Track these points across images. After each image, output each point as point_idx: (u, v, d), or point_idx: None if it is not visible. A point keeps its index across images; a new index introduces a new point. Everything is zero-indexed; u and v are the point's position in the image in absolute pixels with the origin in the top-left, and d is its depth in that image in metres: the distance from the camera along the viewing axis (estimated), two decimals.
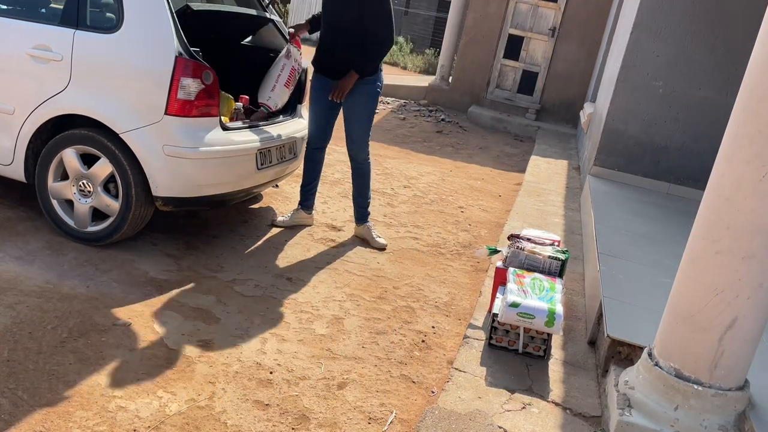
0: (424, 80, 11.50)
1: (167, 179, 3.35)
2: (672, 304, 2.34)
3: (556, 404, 2.61)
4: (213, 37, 4.23)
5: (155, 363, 2.63)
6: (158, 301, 3.11)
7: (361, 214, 4.24)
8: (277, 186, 4.95)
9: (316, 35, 4.09)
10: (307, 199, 4.26)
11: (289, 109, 4.29)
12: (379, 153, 6.65)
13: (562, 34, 9.65)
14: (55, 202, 3.55)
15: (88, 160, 3.46)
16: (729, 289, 2.15)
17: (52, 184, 3.53)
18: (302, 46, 4.18)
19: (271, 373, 2.69)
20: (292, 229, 4.26)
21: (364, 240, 4.23)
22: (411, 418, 2.55)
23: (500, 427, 2.41)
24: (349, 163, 4.17)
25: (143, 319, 2.92)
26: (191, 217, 4.17)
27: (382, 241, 4.19)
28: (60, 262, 3.31)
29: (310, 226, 4.32)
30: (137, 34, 3.29)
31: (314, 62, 4.05)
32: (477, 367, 2.80)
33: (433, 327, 3.30)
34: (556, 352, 3.01)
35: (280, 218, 4.28)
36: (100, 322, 2.84)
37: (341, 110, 4.03)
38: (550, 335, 2.90)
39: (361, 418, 2.50)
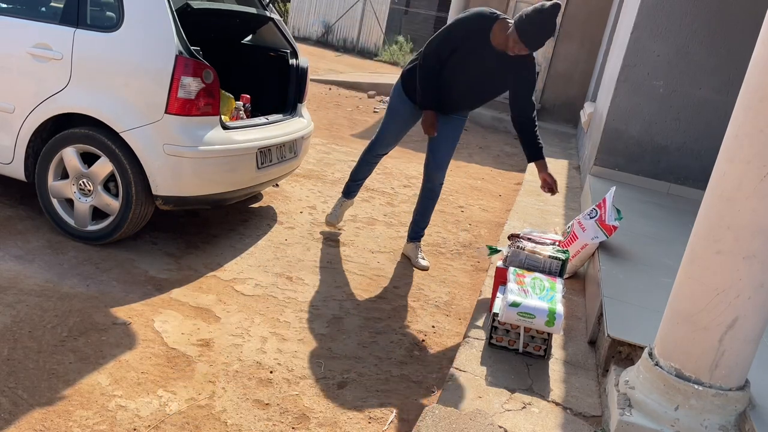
0: None
1: (167, 178, 3.35)
2: (672, 304, 2.34)
3: (557, 404, 2.61)
4: (213, 36, 4.23)
5: (155, 362, 2.63)
6: (158, 300, 3.11)
7: (416, 233, 4.12)
8: (277, 185, 4.95)
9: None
10: (353, 191, 4.24)
11: (290, 107, 4.29)
12: None
13: (562, 34, 9.65)
14: (55, 201, 3.55)
15: (89, 159, 3.46)
16: (730, 289, 2.15)
17: (52, 182, 3.53)
18: (302, 45, 4.15)
19: (271, 372, 2.69)
20: (292, 228, 4.25)
21: (406, 258, 4.13)
22: (411, 417, 2.54)
23: (500, 427, 2.40)
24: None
25: (143, 318, 2.92)
26: (191, 216, 4.17)
27: (424, 263, 4.04)
28: (60, 261, 3.31)
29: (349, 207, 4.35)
30: (137, 33, 3.29)
31: (430, 101, 3.74)
32: (477, 366, 2.80)
33: (433, 326, 3.30)
34: (557, 352, 3.01)
35: (329, 216, 4.26)
36: (100, 321, 2.84)
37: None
38: (550, 335, 2.89)
39: (361, 417, 2.50)
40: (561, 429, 2.45)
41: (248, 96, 4.18)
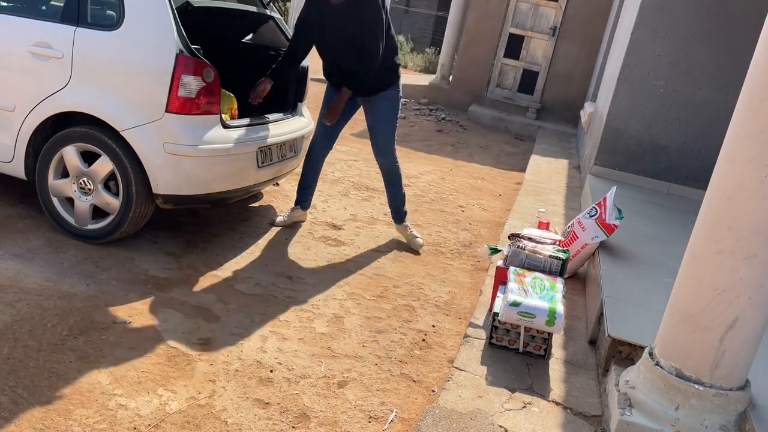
0: (425, 79, 11.49)
1: (168, 177, 3.35)
2: (673, 304, 2.34)
3: (557, 403, 2.61)
4: (214, 35, 4.22)
5: (155, 361, 2.63)
6: (158, 299, 3.10)
7: (397, 214, 4.29)
8: (277, 184, 4.95)
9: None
10: (305, 199, 4.27)
11: (290, 106, 4.29)
12: None
13: (562, 34, 9.64)
14: (55, 200, 3.55)
15: (89, 158, 3.45)
16: (730, 289, 2.15)
17: (53, 181, 3.53)
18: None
19: (271, 371, 2.69)
20: (292, 227, 4.25)
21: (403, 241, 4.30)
22: (411, 417, 2.55)
23: (501, 427, 2.41)
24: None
25: (143, 317, 2.92)
26: (191, 215, 4.17)
27: (419, 241, 4.24)
28: (60, 259, 3.31)
29: (304, 221, 4.36)
30: (138, 32, 3.29)
31: (325, 76, 4.02)
32: (477, 366, 2.80)
33: (433, 326, 3.30)
34: (557, 352, 3.01)
35: (279, 218, 4.28)
36: (100, 320, 2.84)
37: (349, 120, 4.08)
38: (550, 334, 2.90)
39: (361, 416, 2.50)
40: (561, 429, 2.46)
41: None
